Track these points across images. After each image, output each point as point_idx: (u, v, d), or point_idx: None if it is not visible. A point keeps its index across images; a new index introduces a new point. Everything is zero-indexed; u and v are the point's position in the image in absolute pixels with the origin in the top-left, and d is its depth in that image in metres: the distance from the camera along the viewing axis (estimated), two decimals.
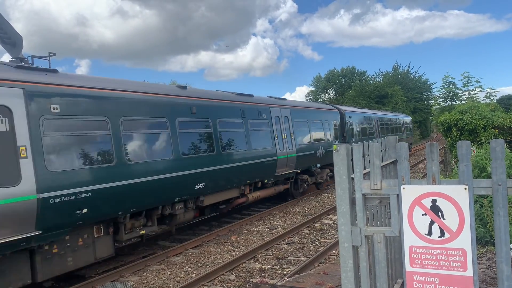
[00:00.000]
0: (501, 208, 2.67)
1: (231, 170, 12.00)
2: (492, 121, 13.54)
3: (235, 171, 12.21)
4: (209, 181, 10.99)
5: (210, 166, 11.03)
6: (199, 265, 9.21)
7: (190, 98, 11.06)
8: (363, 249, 3.00)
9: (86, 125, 7.98)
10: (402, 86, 63.96)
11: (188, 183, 10.25)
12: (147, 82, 11.89)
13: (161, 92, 10.30)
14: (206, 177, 10.84)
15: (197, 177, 10.53)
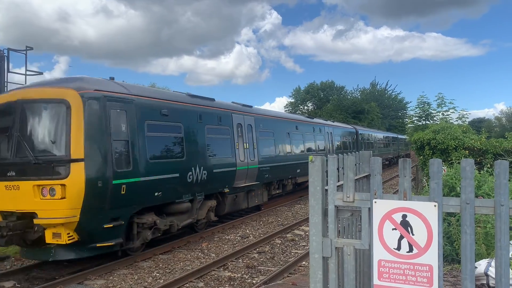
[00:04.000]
0: (468, 226, 2.73)
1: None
2: (463, 142, 13.91)
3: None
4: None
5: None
6: (168, 271, 9.08)
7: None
8: (333, 261, 3.02)
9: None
10: (379, 103, 65.23)
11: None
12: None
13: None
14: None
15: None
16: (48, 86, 9.06)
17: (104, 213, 8.63)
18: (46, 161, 8.28)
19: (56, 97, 8.60)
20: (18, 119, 8.67)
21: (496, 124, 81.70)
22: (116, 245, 9.21)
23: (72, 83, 8.90)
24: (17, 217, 8.39)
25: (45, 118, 8.69)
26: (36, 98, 8.76)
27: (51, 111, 8.62)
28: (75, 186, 8.10)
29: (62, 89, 8.67)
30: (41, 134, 8.67)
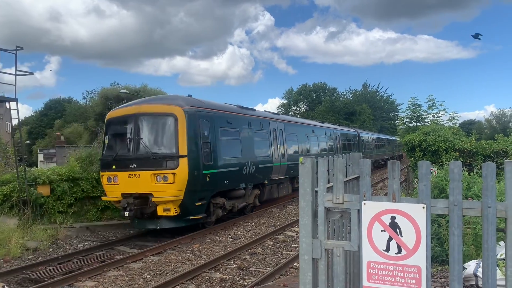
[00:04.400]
0: (456, 228, 2.75)
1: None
2: (454, 144, 14.03)
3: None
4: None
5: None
6: (159, 273, 9.04)
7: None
8: (323, 262, 3.02)
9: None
10: (371, 104, 65.59)
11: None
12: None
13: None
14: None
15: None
16: (159, 103, 12.58)
17: (196, 194, 11.88)
18: (160, 157, 11.53)
19: (166, 111, 11.92)
20: (137, 127, 12.00)
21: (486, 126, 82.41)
22: (201, 218, 12.40)
23: (175, 101, 12.32)
24: (135, 197, 11.45)
25: (158, 126, 12.02)
26: (151, 112, 12.10)
27: (163, 121, 11.93)
28: (181, 174, 11.33)
29: (171, 106, 11.99)
30: (156, 138, 11.96)
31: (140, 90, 56.72)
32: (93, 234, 12.95)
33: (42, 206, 12.78)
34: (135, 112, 12.23)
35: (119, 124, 12.57)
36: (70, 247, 11.40)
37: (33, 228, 11.70)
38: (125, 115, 12.50)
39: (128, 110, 12.66)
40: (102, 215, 14.42)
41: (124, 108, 13.25)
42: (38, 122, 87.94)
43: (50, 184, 12.98)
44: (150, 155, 11.57)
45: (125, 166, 11.80)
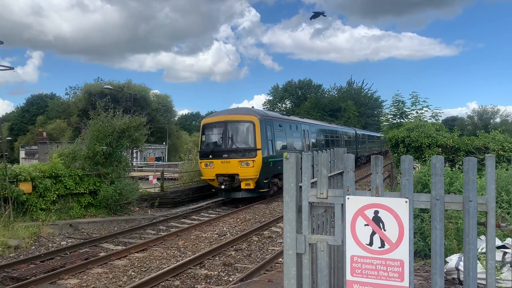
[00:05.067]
0: (438, 222, 2.78)
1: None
2: (437, 140, 14.20)
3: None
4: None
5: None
6: (144, 270, 8.98)
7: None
8: (307, 257, 3.03)
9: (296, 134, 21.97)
10: (355, 101, 66.04)
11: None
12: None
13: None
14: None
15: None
16: (241, 114, 18.67)
17: (265, 175, 17.82)
18: (244, 149, 17.55)
19: (247, 119, 17.97)
20: (227, 129, 17.91)
21: (469, 123, 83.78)
22: (266, 191, 18.54)
23: (252, 112, 18.66)
24: (226, 176, 17.37)
25: (243, 129, 17.93)
26: (237, 120, 18.20)
27: (246, 126, 17.88)
28: (258, 161, 17.25)
29: (250, 116, 18.12)
30: (241, 137, 17.91)
31: (124, 86, 56.15)
32: (76, 231, 12.80)
33: (24, 203, 12.58)
34: (225, 120, 18.32)
35: (213, 127, 18.76)
36: (53, 245, 11.25)
37: (15, 225, 11.51)
38: (217, 122, 18.69)
39: (219, 118, 18.89)
40: (86, 212, 14.26)
41: (215, 116, 19.66)
42: (20, 118, 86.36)
43: (32, 181, 12.77)
44: (237, 148, 17.69)
45: (219, 156, 17.76)
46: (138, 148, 19.14)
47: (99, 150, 14.64)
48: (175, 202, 18.18)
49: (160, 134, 59.46)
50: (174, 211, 16.87)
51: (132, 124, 15.78)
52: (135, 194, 15.69)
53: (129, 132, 15.75)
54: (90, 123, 15.39)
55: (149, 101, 59.74)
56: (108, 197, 14.46)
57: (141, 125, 16.43)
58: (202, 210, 17.10)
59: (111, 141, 14.93)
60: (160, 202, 17.34)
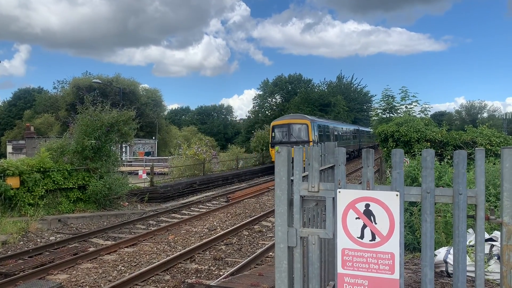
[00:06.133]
0: (428, 214, 2.80)
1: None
2: (426, 135, 14.33)
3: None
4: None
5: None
6: (134, 264, 8.95)
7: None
8: (298, 250, 3.04)
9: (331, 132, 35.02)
10: (345, 96, 66.26)
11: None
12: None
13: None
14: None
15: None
16: (299, 119, 29.77)
17: None
18: (302, 141, 26.90)
19: (303, 122, 28.83)
20: (290, 128, 28.78)
21: (457, 117, 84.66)
22: None
23: (306, 118, 30.02)
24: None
25: (301, 128, 28.56)
26: (296, 122, 29.04)
27: (303, 127, 28.55)
28: None
29: (305, 120, 29.26)
30: (299, 133, 28.35)
31: (113, 80, 55.65)
32: (65, 227, 12.70)
33: (11, 199, 12.43)
34: (288, 123, 29.19)
35: (280, 127, 29.33)
36: (42, 240, 11.15)
37: (2, 221, 11.38)
38: (283, 124, 29.46)
39: (283, 121, 29.84)
40: (75, 207, 14.15)
41: (281, 120, 30.55)
42: (7, 112, 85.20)
43: (20, 175, 12.62)
44: (296, 141, 27.10)
45: (284, 144, 22.06)
46: (127, 143, 19.01)
47: (88, 145, 14.51)
48: (165, 196, 18.11)
49: (150, 129, 59.13)
50: (164, 206, 16.82)
51: (121, 118, 15.65)
52: (125, 189, 15.59)
53: (118, 126, 15.62)
54: (79, 117, 15.22)
55: (138, 96, 59.32)
56: (97, 192, 14.35)
57: (130, 119, 16.29)
58: (192, 205, 17.06)
59: (99, 135, 14.80)
60: (150, 197, 17.27)
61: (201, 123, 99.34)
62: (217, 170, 28.00)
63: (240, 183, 25.36)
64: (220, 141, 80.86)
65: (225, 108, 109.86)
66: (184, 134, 71.58)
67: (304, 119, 29.57)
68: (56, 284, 7.43)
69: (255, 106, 75.44)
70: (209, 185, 22.47)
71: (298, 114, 34.96)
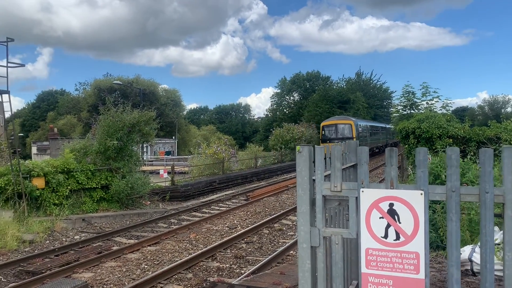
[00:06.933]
0: (453, 214, 2.76)
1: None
2: (448, 131, 14.08)
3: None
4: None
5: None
6: (156, 263, 9.07)
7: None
8: (321, 250, 3.03)
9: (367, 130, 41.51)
10: (364, 92, 65.47)
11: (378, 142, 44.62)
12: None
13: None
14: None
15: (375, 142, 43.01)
16: (344, 120, 36.80)
17: None
18: (346, 138, 32.20)
19: (348, 123, 35.71)
20: (337, 128, 35.65)
21: (479, 113, 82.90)
22: None
23: (350, 119, 37.05)
24: None
25: (345, 127, 35.42)
26: (342, 123, 36.03)
27: (347, 126, 35.42)
28: None
29: (350, 120, 36.18)
30: (344, 131, 35.09)
31: (133, 81, 56.35)
32: (89, 226, 12.95)
33: (37, 199, 12.74)
34: (335, 123, 35.91)
35: (329, 127, 35.84)
36: (67, 239, 11.39)
37: (29, 220, 11.67)
38: (331, 124, 36.05)
39: (331, 122, 36.48)
40: (98, 207, 14.40)
41: (329, 121, 37.00)
42: (31, 114, 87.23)
43: (45, 176, 12.92)
44: (342, 138, 32.08)
45: (332, 141, 30.45)
46: (148, 143, 19.24)
47: (110, 145, 14.75)
48: (186, 195, 18.28)
49: (169, 129, 59.69)
50: (185, 205, 16.98)
51: (142, 119, 15.85)
52: (146, 188, 15.81)
53: (139, 127, 15.84)
54: (101, 118, 15.49)
55: (158, 96, 59.92)
56: (119, 191, 14.59)
57: (151, 120, 16.49)
58: (212, 203, 17.18)
59: (121, 135, 15.03)
60: (171, 196, 17.46)
61: (219, 122, 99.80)
62: (236, 168, 28.07)
63: (259, 181, 25.40)
64: (239, 139, 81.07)
65: (243, 106, 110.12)
66: (203, 133, 72.01)
67: (348, 120, 36.12)
68: (82, 282, 7.59)
69: (273, 104, 75.32)
70: (229, 184, 22.57)
71: (342, 116, 41.20)
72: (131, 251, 9.92)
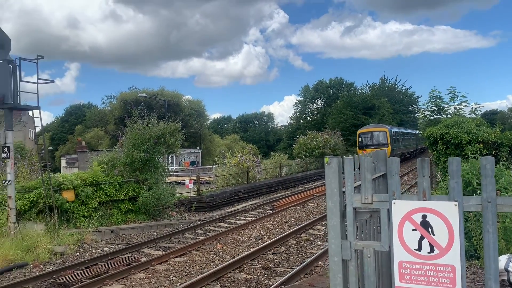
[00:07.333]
0: (490, 225, 2.67)
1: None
2: (478, 136, 13.71)
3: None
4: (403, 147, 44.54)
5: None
6: (184, 274, 9.11)
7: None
8: (353, 263, 2.98)
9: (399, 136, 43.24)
10: (389, 98, 64.61)
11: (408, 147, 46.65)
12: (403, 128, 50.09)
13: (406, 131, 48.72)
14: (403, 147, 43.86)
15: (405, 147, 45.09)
16: (379, 127, 38.93)
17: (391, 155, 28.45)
18: (382, 144, 35.97)
19: (383, 130, 37.90)
20: (372, 135, 37.95)
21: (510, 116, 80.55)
22: None
23: (385, 126, 39.30)
24: None
25: (380, 134, 37.58)
26: (377, 130, 38.19)
27: (382, 133, 37.54)
28: (388, 149, 34.19)
29: (384, 128, 38.44)
30: (379, 138, 37.38)
31: (158, 93, 57.26)
32: (118, 237, 13.13)
33: (67, 211, 13.01)
34: (371, 130, 38.22)
35: (365, 134, 38.13)
36: (96, 251, 11.58)
37: (60, 233, 11.92)
38: (367, 131, 38.42)
39: (367, 129, 38.80)
40: (126, 218, 14.61)
41: (365, 129, 39.30)
42: (60, 128, 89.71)
43: (74, 189, 13.20)
44: (378, 144, 35.60)
45: (368, 147, 35.17)
46: (173, 154, 19.45)
47: (137, 157, 14.98)
48: (211, 205, 18.35)
49: (194, 139, 60.23)
50: (211, 215, 17.04)
51: (167, 130, 16.07)
52: (173, 199, 15.96)
53: (164, 138, 16.04)
54: (127, 130, 15.76)
55: (182, 107, 60.68)
56: (147, 203, 14.77)
57: (176, 131, 16.70)
58: (238, 214, 17.18)
59: (148, 147, 15.25)
60: (197, 206, 17.56)
61: (243, 131, 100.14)
62: (261, 178, 28.05)
63: (284, 190, 25.29)
64: (262, 148, 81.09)
65: (266, 115, 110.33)
66: (226, 143, 72.43)
67: (383, 127, 38.56)
68: None
69: (296, 112, 75.15)
70: (254, 193, 22.55)
71: (378, 124, 43.74)
72: (159, 262, 10.00)
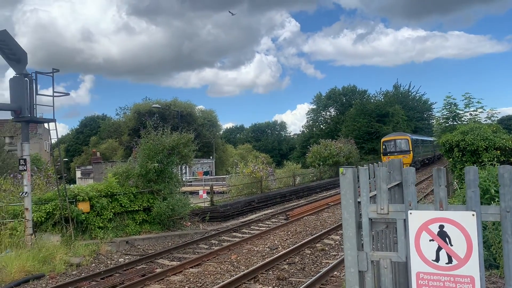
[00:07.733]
0: (509, 235, 2.63)
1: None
2: (494, 142, 13.48)
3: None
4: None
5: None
6: (199, 285, 9.09)
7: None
8: (369, 275, 2.95)
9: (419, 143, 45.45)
10: (403, 105, 64.17)
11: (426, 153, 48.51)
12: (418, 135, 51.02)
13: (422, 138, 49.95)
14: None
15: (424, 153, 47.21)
16: (402, 135, 41.42)
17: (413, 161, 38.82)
18: (404, 151, 38.45)
19: (405, 138, 40.02)
20: (396, 143, 39.75)
21: None
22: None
23: (406, 135, 41.75)
24: None
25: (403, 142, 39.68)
26: (400, 138, 40.21)
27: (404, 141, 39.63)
28: (410, 156, 38.34)
29: (406, 136, 40.75)
30: (402, 146, 39.22)
31: (171, 104, 57.74)
32: (132, 248, 13.19)
33: (83, 222, 13.13)
34: (394, 139, 40.20)
35: (388, 142, 40.17)
36: (111, 262, 11.63)
37: (76, 244, 12.02)
38: (390, 140, 40.41)
39: (390, 138, 40.86)
40: (141, 229, 14.67)
41: (388, 137, 41.31)
42: (75, 139, 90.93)
43: (90, 200, 13.33)
44: (401, 151, 38.19)
45: (392, 154, 37.73)
46: (187, 164, 19.55)
47: (151, 168, 15.08)
48: (225, 215, 18.35)
49: (207, 149, 60.46)
50: (225, 225, 17.02)
51: (181, 141, 16.16)
52: (187, 209, 15.99)
53: (178, 149, 16.14)
54: (141, 142, 15.91)
55: (195, 117, 61.05)
56: (161, 213, 14.83)
57: (190, 142, 16.79)
58: (252, 223, 17.14)
59: (162, 158, 15.35)
60: (211, 216, 17.56)
61: (255, 140, 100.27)
62: (274, 187, 27.96)
63: (298, 199, 25.18)
64: (275, 157, 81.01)
65: (279, 124, 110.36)
66: (239, 152, 72.54)
67: (405, 135, 41.24)
68: None
69: (309, 121, 75.04)
70: (267, 203, 22.48)
71: (400, 132, 46.80)
72: (174, 273, 10.00)
